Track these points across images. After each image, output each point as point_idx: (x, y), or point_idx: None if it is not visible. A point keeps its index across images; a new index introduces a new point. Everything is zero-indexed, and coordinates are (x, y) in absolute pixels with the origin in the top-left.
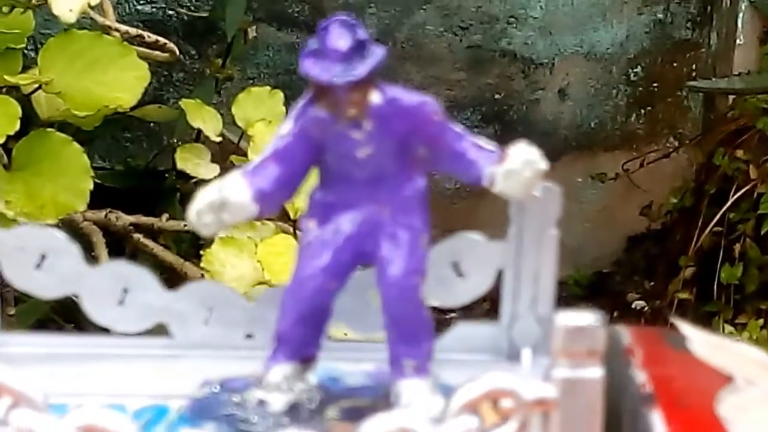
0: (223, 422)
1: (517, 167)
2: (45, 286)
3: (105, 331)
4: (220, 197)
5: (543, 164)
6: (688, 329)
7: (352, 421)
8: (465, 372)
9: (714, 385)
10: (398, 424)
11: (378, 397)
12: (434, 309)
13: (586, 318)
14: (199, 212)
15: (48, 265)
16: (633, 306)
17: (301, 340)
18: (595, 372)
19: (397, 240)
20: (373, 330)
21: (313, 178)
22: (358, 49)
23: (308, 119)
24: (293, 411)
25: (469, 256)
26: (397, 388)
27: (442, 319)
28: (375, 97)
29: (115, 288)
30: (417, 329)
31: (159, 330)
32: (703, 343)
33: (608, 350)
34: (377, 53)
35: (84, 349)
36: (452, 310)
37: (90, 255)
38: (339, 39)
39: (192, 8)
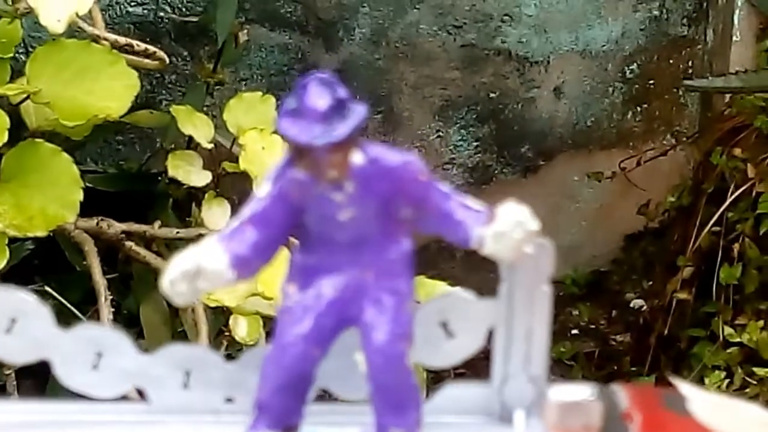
0: None
1: (506, 229)
2: (15, 352)
3: (78, 396)
4: (195, 265)
5: (533, 224)
6: (687, 389)
7: None
8: None
9: None
10: None
11: None
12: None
13: (581, 392)
14: (172, 281)
15: (18, 329)
16: (631, 305)
17: (283, 408)
18: None
19: (382, 305)
20: (359, 393)
21: None
22: (338, 108)
23: (287, 181)
24: None
25: (459, 315)
26: None
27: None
28: (357, 158)
29: (88, 352)
30: (404, 397)
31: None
32: (704, 404)
33: (604, 415)
34: (358, 112)
35: (56, 416)
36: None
37: (82, 264)
38: (318, 98)
39: (183, 11)
